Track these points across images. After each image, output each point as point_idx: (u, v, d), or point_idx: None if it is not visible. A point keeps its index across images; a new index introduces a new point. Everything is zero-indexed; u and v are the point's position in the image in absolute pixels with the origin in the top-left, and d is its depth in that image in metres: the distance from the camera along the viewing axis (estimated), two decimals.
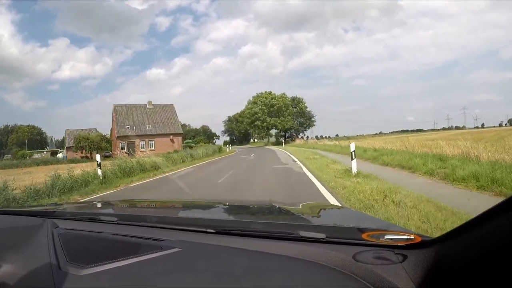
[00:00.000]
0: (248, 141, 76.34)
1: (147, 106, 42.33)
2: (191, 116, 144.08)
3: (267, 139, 60.38)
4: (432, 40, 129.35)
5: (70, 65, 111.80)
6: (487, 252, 0.51)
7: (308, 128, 60.95)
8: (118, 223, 1.06)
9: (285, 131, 58.63)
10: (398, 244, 0.74)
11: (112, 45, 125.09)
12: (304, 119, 60.84)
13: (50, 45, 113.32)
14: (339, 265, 0.71)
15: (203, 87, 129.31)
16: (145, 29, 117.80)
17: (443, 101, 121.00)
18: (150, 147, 37.79)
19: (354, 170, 7.21)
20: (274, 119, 54.88)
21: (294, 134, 59.70)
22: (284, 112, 55.64)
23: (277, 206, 1.39)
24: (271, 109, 54.93)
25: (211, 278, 0.72)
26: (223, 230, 0.91)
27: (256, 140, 75.96)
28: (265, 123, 55.26)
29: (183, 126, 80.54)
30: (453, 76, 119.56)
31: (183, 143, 42.50)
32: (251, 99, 57.50)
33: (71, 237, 0.99)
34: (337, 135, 77.68)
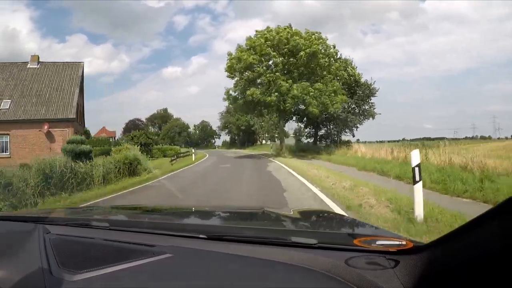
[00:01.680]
0: (253, 143, 56.65)
1: (29, 65, 22.66)
2: (207, 116, 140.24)
3: (279, 139, 27.74)
4: (451, 46, 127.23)
5: (87, 62, 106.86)
6: (478, 258, 0.52)
7: (364, 120, 26.60)
8: (110, 229, 1.06)
9: (318, 124, 27.54)
10: (390, 250, 0.75)
11: (129, 42, 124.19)
12: (359, 100, 25.71)
13: (67, 41, 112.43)
14: (331, 271, 0.72)
15: (219, 87, 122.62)
16: (162, 27, 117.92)
17: (460, 110, 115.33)
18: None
19: None
20: (301, 83, 20.89)
21: (335, 133, 28.02)
22: (323, 71, 21.85)
23: (269, 212, 1.40)
24: (289, 59, 21.62)
25: (203, 284, 0.73)
26: (215, 236, 0.92)
27: (265, 142, 54.83)
28: (275, 94, 20.88)
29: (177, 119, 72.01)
30: (472, 85, 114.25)
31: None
32: (244, 43, 22.80)
33: (63, 243, 0.99)
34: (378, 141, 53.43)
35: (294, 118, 27.51)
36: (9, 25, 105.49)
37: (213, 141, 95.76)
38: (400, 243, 0.77)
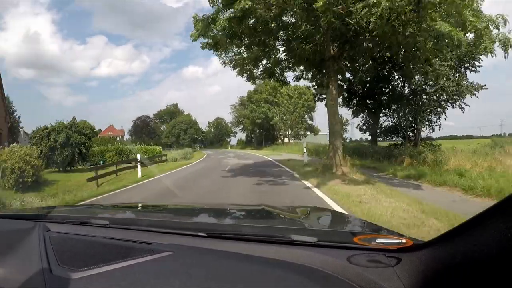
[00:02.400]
0: (272, 141, 47.01)
1: None
2: (227, 115, 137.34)
3: (330, 130, 10.28)
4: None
5: (108, 62, 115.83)
6: (479, 255, 0.53)
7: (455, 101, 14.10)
8: (110, 227, 1.06)
9: (379, 107, 15.63)
10: (390, 248, 0.76)
11: (149, 43, 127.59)
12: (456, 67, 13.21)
13: (88, 43, 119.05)
14: (331, 269, 0.72)
15: (240, 86, 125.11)
16: (181, 27, 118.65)
17: (482, 108, 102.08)
18: None
19: None
20: None
21: (411, 124, 14.77)
22: None
23: (269, 210, 1.43)
24: None
25: (202, 282, 0.74)
26: (214, 234, 0.92)
27: (287, 141, 44.96)
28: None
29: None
30: (497, 81, 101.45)
31: None
32: None
33: (63, 241, 1.00)
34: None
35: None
36: (31, 28, 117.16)
37: (228, 139, 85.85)
38: (400, 241, 0.77)
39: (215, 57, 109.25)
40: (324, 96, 13.44)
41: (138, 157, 12.75)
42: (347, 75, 13.02)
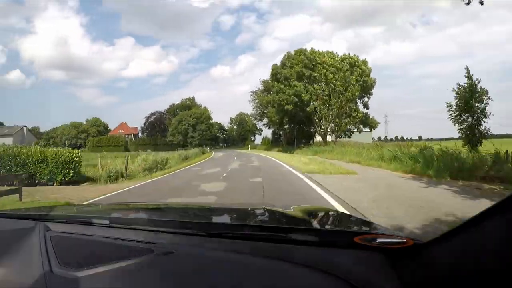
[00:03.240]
0: (308, 139, 34.79)
1: None
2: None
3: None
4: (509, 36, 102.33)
5: (136, 63, 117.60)
6: (479, 255, 0.53)
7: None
8: (110, 226, 1.06)
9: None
10: (390, 248, 0.76)
11: (177, 43, 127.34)
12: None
13: (116, 44, 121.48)
14: (331, 268, 0.72)
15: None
16: (208, 27, 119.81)
17: None
18: None
19: None
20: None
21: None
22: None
23: (269, 209, 1.42)
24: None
25: (203, 281, 0.74)
26: (215, 233, 0.93)
27: (330, 139, 30.95)
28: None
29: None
30: None
31: None
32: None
33: (63, 240, 1.01)
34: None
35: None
36: (61, 31, 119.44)
37: (252, 138, 72.89)
38: (400, 241, 0.76)
39: (243, 56, 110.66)
40: None
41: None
42: None
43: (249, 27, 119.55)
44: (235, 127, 79.80)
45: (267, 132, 53.61)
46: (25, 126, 62.81)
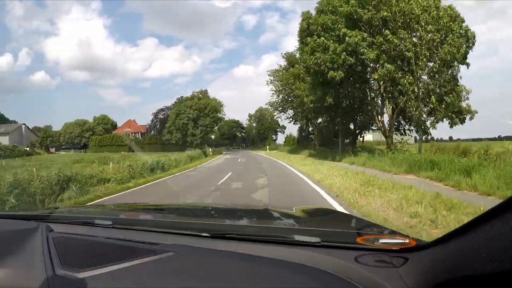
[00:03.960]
0: (360, 131, 23.78)
1: None
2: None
3: None
4: None
5: (159, 63, 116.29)
6: (482, 256, 0.52)
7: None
8: (113, 227, 1.07)
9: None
10: (393, 248, 0.76)
11: (200, 43, 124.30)
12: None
13: (139, 45, 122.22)
14: (334, 269, 0.72)
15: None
16: (231, 27, 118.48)
17: None
18: None
19: None
20: None
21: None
22: None
23: (272, 210, 1.48)
24: None
25: (205, 282, 0.74)
26: (217, 234, 0.93)
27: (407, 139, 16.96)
28: None
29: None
30: None
31: None
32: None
33: (66, 241, 1.00)
34: None
35: None
36: (84, 33, 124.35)
37: (274, 137, 61.98)
38: (404, 241, 0.77)
39: (266, 55, 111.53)
40: None
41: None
42: None
43: (273, 27, 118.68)
44: (254, 124, 69.30)
45: (292, 129, 42.30)
46: (24, 124, 57.74)
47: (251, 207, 2.05)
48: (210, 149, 28.17)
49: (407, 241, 0.76)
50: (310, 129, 31.20)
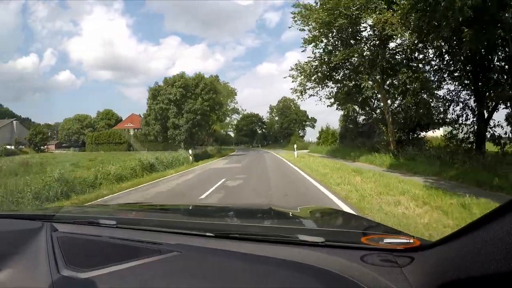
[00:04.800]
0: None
1: None
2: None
3: None
4: None
5: (182, 62, 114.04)
6: (487, 256, 0.52)
7: None
8: (117, 227, 1.06)
9: None
10: (398, 248, 0.75)
11: (223, 41, 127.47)
12: None
13: (162, 44, 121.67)
14: (338, 269, 0.72)
15: None
16: (252, 25, 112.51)
17: None
18: None
19: None
20: None
21: None
22: None
23: (276, 210, 1.43)
24: None
25: (210, 282, 0.74)
26: (222, 234, 0.92)
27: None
28: None
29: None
30: None
31: None
32: None
33: (70, 241, 1.00)
34: None
35: None
36: (107, 32, 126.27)
37: (301, 132, 49.56)
38: (408, 241, 0.76)
39: (290, 53, 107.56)
40: None
41: None
42: None
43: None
44: (276, 118, 57.64)
45: (329, 120, 30.09)
46: (15, 119, 51.77)
47: (256, 207, 2.00)
48: (191, 153, 16.18)
49: (411, 240, 0.76)
50: (361, 119, 18.91)
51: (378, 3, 10.66)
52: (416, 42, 10.17)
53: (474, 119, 10.25)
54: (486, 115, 9.61)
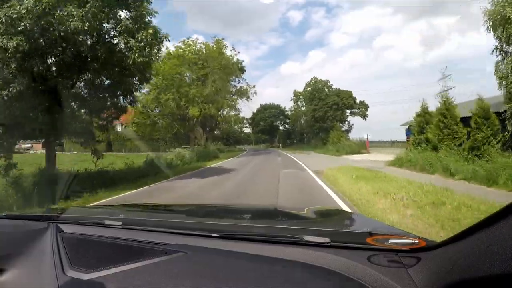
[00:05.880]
0: None
1: None
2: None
3: None
4: None
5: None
6: (492, 256, 0.51)
7: None
8: (122, 228, 1.06)
9: None
10: (403, 249, 0.76)
11: (245, 40, 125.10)
12: None
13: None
14: (344, 270, 0.72)
15: (337, 81, 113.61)
16: (275, 23, 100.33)
17: None
18: None
19: None
20: None
21: None
22: None
23: (281, 210, 1.47)
24: None
25: (215, 282, 0.74)
26: (227, 235, 0.93)
27: None
28: None
29: None
30: None
31: None
32: None
33: (76, 242, 1.01)
34: None
35: None
36: None
37: (342, 125, 33.63)
38: (413, 241, 0.76)
39: (312, 51, 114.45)
40: None
41: None
42: None
43: (318, 22, 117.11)
44: (303, 107, 42.16)
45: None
46: None
47: (261, 207, 1.99)
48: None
49: (417, 241, 0.75)
50: None
51: None
52: None
53: None
54: None
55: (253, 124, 52.12)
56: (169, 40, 9.23)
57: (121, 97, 9.49)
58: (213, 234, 0.90)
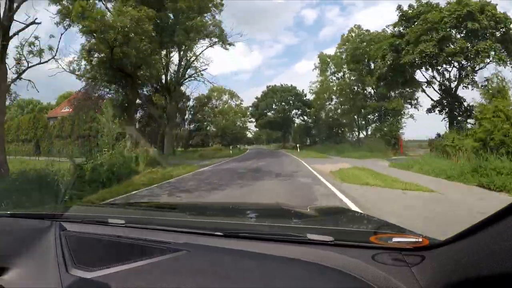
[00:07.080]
0: None
1: None
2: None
3: None
4: None
5: (218, 60, 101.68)
6: (496, 254, 0.51)
7: None
8: (126, 226, 1.05)
9: None
10: (406, 247, 0.76)
11: (260, 39, 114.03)
12: None
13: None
14: (347, 268, 0.72)
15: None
16: (290, 22, 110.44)
17: None
18: None
19: None
20: None
21: None
22: None
23: (285, 209, 1.47)
24: None
25: (218, 281, 0.75)
26: (230, 233, 0.92)
27: None
28: None
29: None
30: None
31: None
32: None
33: (79, 240, 1.01)
34: None
35: None
36: None
37: (409, 107, 21.24)
38: (416, 240, 0.77)
39: (328, 50, 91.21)
40: None
41: None
42: None
43: (332, 21, 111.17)
44: (332, 83, 26.01)
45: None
46: None
47: (264, 206, 1.94)
48: None
49: (420, 239, 0.76)
50: None
51: None
52: None
53: None
54: None
55: (257, 116, 37.86)
56: None
57: None
58: (216, 233, 0.90)
